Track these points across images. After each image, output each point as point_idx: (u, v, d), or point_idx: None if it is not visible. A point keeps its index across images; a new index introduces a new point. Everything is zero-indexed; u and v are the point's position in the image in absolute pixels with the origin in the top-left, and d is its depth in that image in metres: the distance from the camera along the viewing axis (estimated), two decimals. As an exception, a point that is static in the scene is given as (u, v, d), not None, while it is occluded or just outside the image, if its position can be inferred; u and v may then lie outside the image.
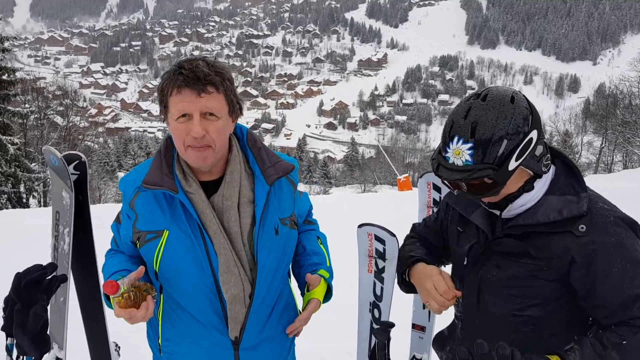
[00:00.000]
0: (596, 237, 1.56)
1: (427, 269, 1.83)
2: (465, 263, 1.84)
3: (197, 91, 1.67)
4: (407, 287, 1.99)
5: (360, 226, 2.22)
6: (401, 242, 2.16)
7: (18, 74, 26.05)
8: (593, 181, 13.31)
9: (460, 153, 1.57)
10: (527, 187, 1.65)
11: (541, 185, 1.68)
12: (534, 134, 1.58)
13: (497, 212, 1.74)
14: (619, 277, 1.53)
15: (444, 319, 2.20)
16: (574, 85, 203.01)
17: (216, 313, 1.81)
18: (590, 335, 1.56)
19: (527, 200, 1.67)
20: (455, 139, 1.58)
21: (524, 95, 1.64)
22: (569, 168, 1.73)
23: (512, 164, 1.55)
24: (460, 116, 1.60)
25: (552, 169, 1.72)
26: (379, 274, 2.22)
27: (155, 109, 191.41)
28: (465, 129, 1.56)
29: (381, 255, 2.17)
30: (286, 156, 2.02)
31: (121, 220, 1.93)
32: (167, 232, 1.76)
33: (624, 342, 1.46)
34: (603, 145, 38.38)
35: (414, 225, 2.22)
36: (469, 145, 1.55)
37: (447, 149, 1.60)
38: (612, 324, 1.54)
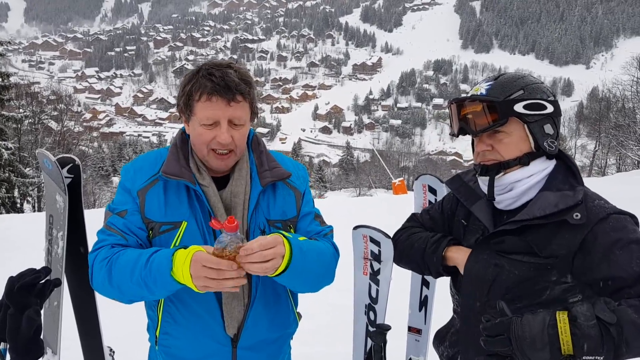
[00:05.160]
0: (593, 228, 1.59)
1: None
2: None
3: (227, 100, 1.72)
4: (445, 270, 1.92)
5: (355, 228, 2.22)
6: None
7: (12, 79, 26.01)
8: (587, 184, 13.34)
9: (479, 89, 1.73)
10: (524, 159, 1.70)
11: (539, 169, 1.72)
12: (549, 107, 1.69)
13: (486, 189, 1.75)
14: (625, 257, 1.53)
15: (441, 321, 2.19)
16: (568, 89, 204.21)
17: (218, 308, 1.83)
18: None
19: (520, 177, 1.70)
20: (481, 81, 1.76)
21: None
22: (569, 168, 1.76)
23: (518, 107, 1.66)
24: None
25: (553, 166, 1.75)
26: (374, 276, 2.21)
27: (149, 113, 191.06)
28: (492, 77, 1.76)
29: (376, 258, 2.16)
30: (293, 162, 2.06)
31: (121, 208, 1.82)
32: (186, 223, 1.78)
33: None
34: (596, 148, 38.59)
35: (413, 215, 2.17)
36: (490, 83, 1.72)
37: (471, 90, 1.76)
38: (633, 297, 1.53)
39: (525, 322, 1.42)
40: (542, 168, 1.72)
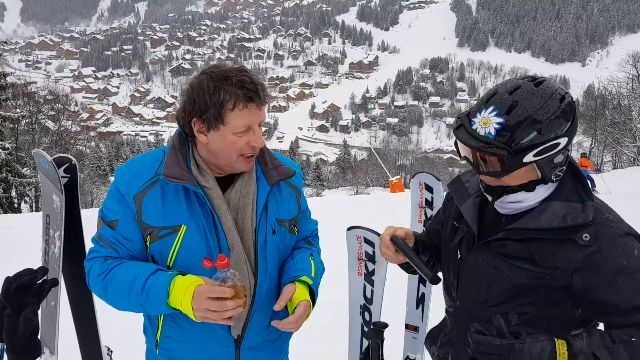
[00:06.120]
0: (602, 246, 1.53)
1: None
2: (459, 257, 1.81)
3: (259, 104, 1.76)
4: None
5: (349, 229, 2.23)
6: None
7: (9, 79, 25.96)
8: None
9: (488, 123, 1.53)
10: (528, 187, 1.62)
11: (543, 190, 1.64)
12: (563, 141, 1.54)
13: (490, 198, 1.71)
14: (627, 285, 1.51)
15: (438, 319, 2.20)
16: (563, 86, 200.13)
17: None
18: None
19: (523, 199, 1.65)
20: (491, 108, 1.54)
21: (574, 102, 1.59)
22: (576, 175, 1.67)
23: (529, 158, 1.52)
24: (506, 90, 1.56)
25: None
26: (368, 276, 2.22)
27: (147, 112, 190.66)
28: (505, 103, 1.53)
29: (371, 258, 2.17)
30: (290, 161, 2.07)
31: (112, 217, 1.79)
32: (185, 227, 1.74)
33: (633, 339, 1.46)
34: (592, 145, 38.68)
35: (427, 224, 2.20)
36: (500, 120, 1.52)
37: (478, 114, 1.57)
38: (621, 326, 1.52)
39: (526, 350, 1.42)
40: (546, 189, 1.64)
